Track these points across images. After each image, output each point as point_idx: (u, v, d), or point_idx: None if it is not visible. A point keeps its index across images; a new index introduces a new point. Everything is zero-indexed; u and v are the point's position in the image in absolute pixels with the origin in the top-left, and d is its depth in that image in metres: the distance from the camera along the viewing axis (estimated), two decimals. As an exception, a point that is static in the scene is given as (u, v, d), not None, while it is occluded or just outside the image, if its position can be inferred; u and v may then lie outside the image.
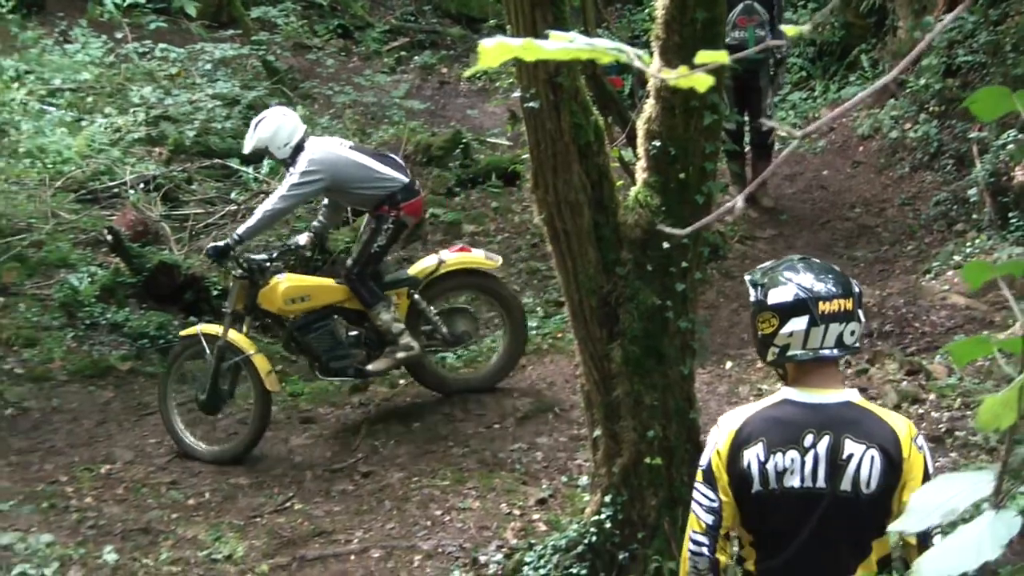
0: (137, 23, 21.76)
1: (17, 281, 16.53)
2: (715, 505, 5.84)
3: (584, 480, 10.94)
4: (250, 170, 18.81)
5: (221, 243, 13.44)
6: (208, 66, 20.82)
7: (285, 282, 13.62)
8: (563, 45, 2.21)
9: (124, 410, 14.98)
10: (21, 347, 15.66)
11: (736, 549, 6.07)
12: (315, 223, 14.73)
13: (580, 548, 9.77)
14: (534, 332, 15.22)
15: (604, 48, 2.30)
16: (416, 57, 24.22)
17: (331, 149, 13.84)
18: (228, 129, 19.30)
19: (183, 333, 14.23)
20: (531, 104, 9.19)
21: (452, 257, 14.11)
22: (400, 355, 13.65)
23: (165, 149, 18.65)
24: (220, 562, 11.64)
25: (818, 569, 5.80)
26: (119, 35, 21.27)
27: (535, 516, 11.28)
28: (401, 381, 14.91)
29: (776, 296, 5.74)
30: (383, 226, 13.63)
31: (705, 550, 5.89)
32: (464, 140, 18.67)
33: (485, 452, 13.01)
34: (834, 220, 16.70)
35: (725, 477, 5.77)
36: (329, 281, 14.08)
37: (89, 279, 16.62)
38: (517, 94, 9.46)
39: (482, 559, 10.76)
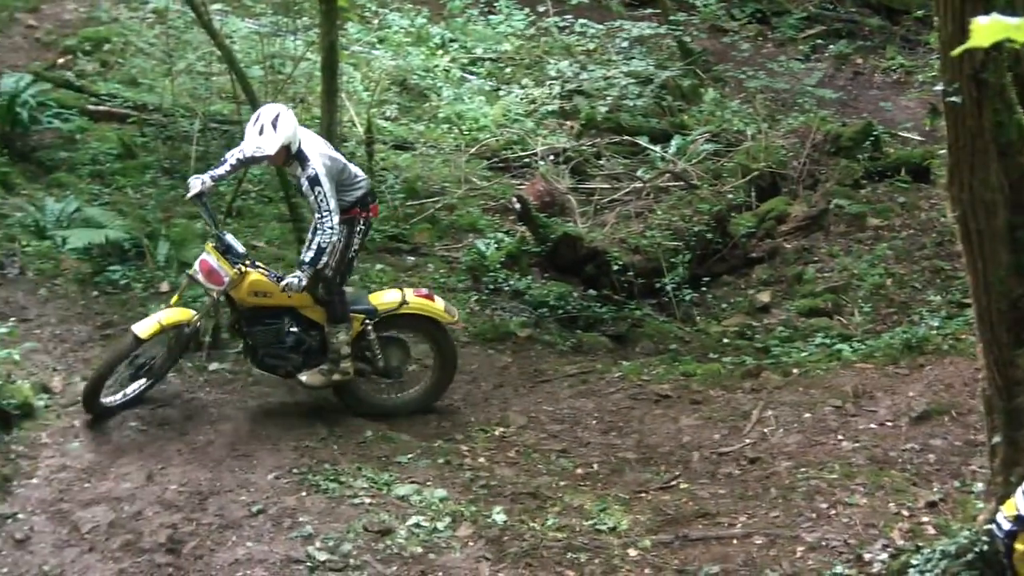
0: (560, -2, 21.91)
1: (428, 242, 16.87)
2: None
3: (979, 487, 10.67)
4: (658, 149, 18.85)
5: (302, 281, 12.80)
6: (624, 44, 20.77)
7: (253, 275, 13.08)
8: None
9: (520, 375, 15.18)
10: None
11: None
12: None
13: (970, 556, 9.59)
14: (935, 332, 14.75)
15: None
16: (831, 46, 23.89)
17: (328, 149, 13.25)
18: (639, 107, 19.36)
19: None
20: (953, 99, 9.03)
21: (415, 300, 13.78)
22: (336, 377, 13.43)
23: (577, 123, 18.84)
24: (604, 533, 11.71)
25: None
26: (541, 8, 21.48)
27: (924, 518, 11.03)
28: (794, 370, 14.81)
29: None
30: (356, 229, 13.30)
31: (1004, 531, 5.84)
32: (875, 132, 18.44)
33: (876, 449, 12.72)
34: None
35: None
36: None
37: (496, 245, 16.87)
38: (938, 88, 9.29)
39: (867, 556, 10.57)
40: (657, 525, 11.89)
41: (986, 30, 2.09)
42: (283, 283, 12.63)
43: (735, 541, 11.47)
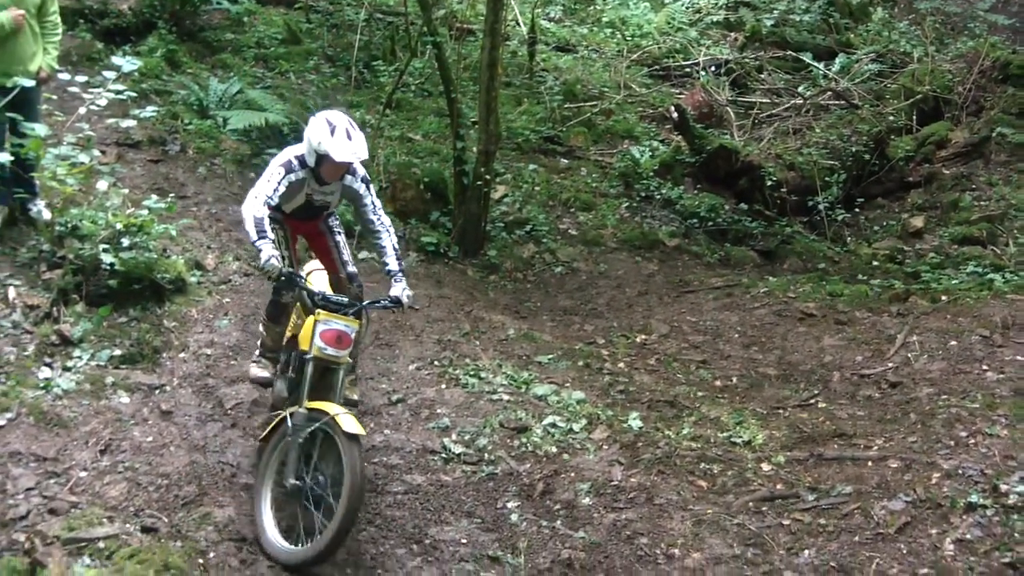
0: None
1: (583, 146, 16.88)
2: None
3: None
4: (821, 66, 18.74)
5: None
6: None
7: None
8: None
9: (666, 284, 15.22)
10: (579, 209, 16.00)
11: None
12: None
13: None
14: None
15: None
16: None
17: None
18: (806, 23, 19.24)
19: None
20: None
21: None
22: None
23: (741, 35, 18.80)
24: (738, 446, 11.77)
25: None
26: None
27: None
28: (943, 297, 14.70)
29: None
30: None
31: None
32: None
33: (1021, 381, 12.55)
34: None
35: None
36: None
37: (650, 153, 16.88)
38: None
39: (1003, 487, 10.45)
40: (792, 442, 11.94)
41: None
42: (407, 301, 10.73)
43: (870, 463, 11.46)
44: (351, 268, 10.90)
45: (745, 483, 11.26)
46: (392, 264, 10.36)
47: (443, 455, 11.23)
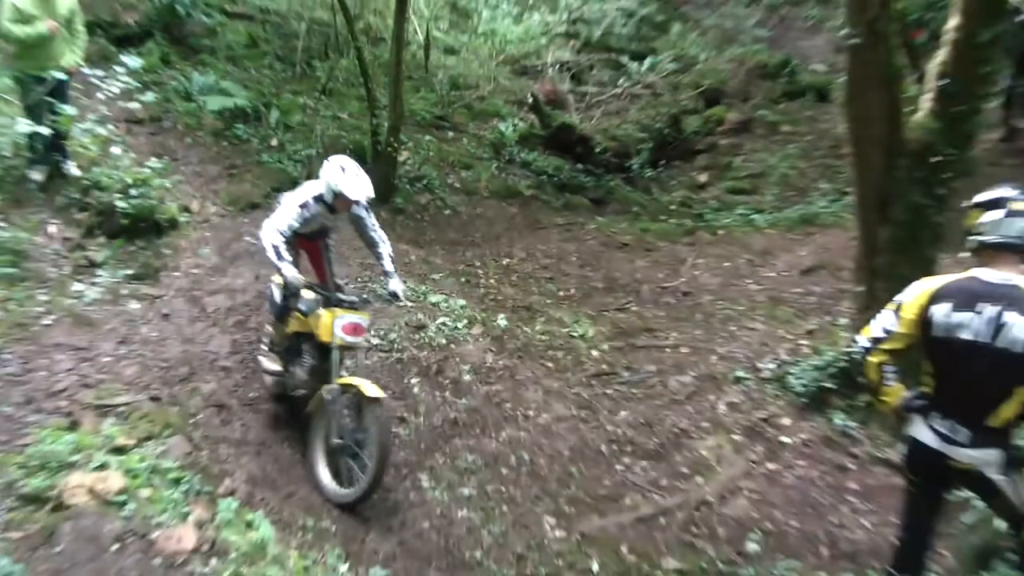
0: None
1: (464, 122, 16.96)
2: (890, 328, 6.20)
3: (844, 322, 10.81)
4: (635, 65, 18.87)
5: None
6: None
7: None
8: None
9: (524, 223, 15.33)
10: (461, 168, 16.07)
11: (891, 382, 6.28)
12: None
13: (832, 370, 9.88)
14: (823, 210, 14.82)
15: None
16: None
17: None
18: (624, 34, 19.29)
19: None
20: (854, 40, 9.25)
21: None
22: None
23: (577, 42, 18.83)
24: (575, 338, 11.98)
25: (971, 400, 6.01)
26: None
27: (802, 342, 11.14)
28: (720, 232, 14.94)
29: (982, 196, 6.01)
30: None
31: (862, 348, 6.23)
32: (792, 63, 18.43)
33: (773, 291, 12.96)
34: None
35: (911, 316, 6.08)
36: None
37: (512, 128, 16.96)
38: (843, 33, 9.46)
39: (759, 366, 10.79)
40: (613, 335, 12.17)
41: None
42: (402, 295, 10.19)
43: (668, 349, 11.71)
44: (336, 279, 10.52)
45: (580, 364, 11.50)
46: (388, 267, 9.97)
47: (366, 345, 11.36)
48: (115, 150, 12.59)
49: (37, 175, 12.10)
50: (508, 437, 10.16)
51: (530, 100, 16.99)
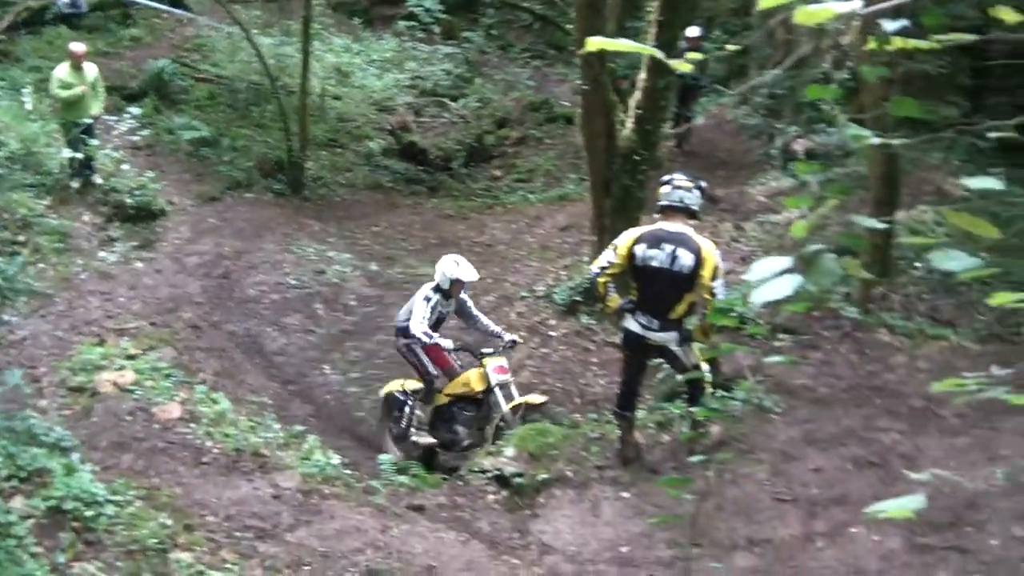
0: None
1: (347, 142, 16.70)
2: (611, 260, 6.39)
3: (586, 259, 10.56)
4: (454, 103, 18.59)
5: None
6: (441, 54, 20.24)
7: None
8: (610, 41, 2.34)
9: (386, 204, 15.05)
10: (345, 171, 15.90)
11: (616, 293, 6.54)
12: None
13: (580, 289, 10.06)
14: (572, 190, 14.68)
15: (646, 49, 2.39)
16: (535, 60, 21.63)
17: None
18: (446, 84, 18.91)
19: None
20: (585, 87, 9.46)
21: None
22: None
23: (417, 90, 18.56)
24: (420, 275, 11.78)
25: (658, 303, 6.28)
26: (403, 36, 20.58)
27: (562, 273, 11.16)
28: (509, 205, 15.10)
29: (663, 178, 6.34)
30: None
31: (594, 273, 6.52)
32: (550, 101, 18.39)
33: (543, 242, 12.90)
34: (714, 153, 15.87)
35: (624, 252, 6.32)
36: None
37: (378, 144, 16.81)
38: (579, 81, 9.69)
39: (535, 288, 10.89)
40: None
41: (595, 44, 2.07)
42: (519, 340, 8.70)
43: (480, 280, 11.81)
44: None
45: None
46: (496, 329, 8.40)
47: (286, 285, 11.30)
48: (124, 167, 12.36)
49: (75, 184, 11.89)
50: (380, 339, 10.07)
51: (388, 127, 16.88)
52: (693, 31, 14.98)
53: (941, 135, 10.85)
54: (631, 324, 6.46)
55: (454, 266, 8.24)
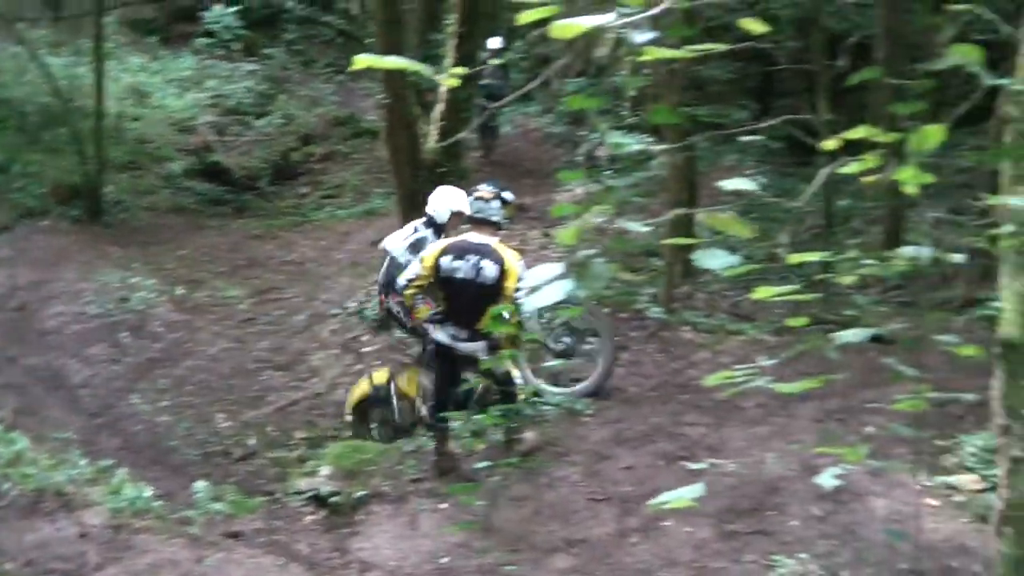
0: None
1: (148, 163, 16.08)
2: (418, 272, 6.54)
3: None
4: (258, 121, 18.26)
5: None
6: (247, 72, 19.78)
7: None
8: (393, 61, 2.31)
9: (191, 227, 14.64)
10: (147, 194, 15.35)
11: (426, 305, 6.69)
12: None
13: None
14: (380, 205, 14.64)
15: (413, 65, 2.35)
16: (338, 75, 21.55)
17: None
18: (248, 102, 18.49)
19: None
20: (387, 101, 9.54)
21: None
22: None
23: (219, 109, 18.03)
24: (229, 297, 11.61)
25: (466, 314, 6.44)
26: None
27: (374, 288, 10.59)
28: (317, 221, 14.94)
29: (470, 190, 6.56)
30: None
31: (402, 285, 6.64)
32: (355, 116, 18.39)
33: (353, 257, 12.76)
34: (520, 162, 16.21)
35: (430, 264, 6.48)
36: None
37: (180, 165, 16.30)
38: (381, 96, 9.73)
39: (347, 305, 10.85)
40: (254, 293, 11.78)
41: (361, 62, 2.17)
42: None
43: (291, 299, 11.57)
44: None
45: (234, 313, 11.29)
46: None
47: (86, 314, 10.69)
48: None
49: None
50: (189, 365, 9.86)
51: (191, 146, 16.38)
52: (494, 42, 15.41)
53: (710, 135, 11.56)
54: (440, 335, 6.61)
55: (457, 196, 7.62)
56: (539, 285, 2.16)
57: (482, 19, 9.52)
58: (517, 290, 6.32)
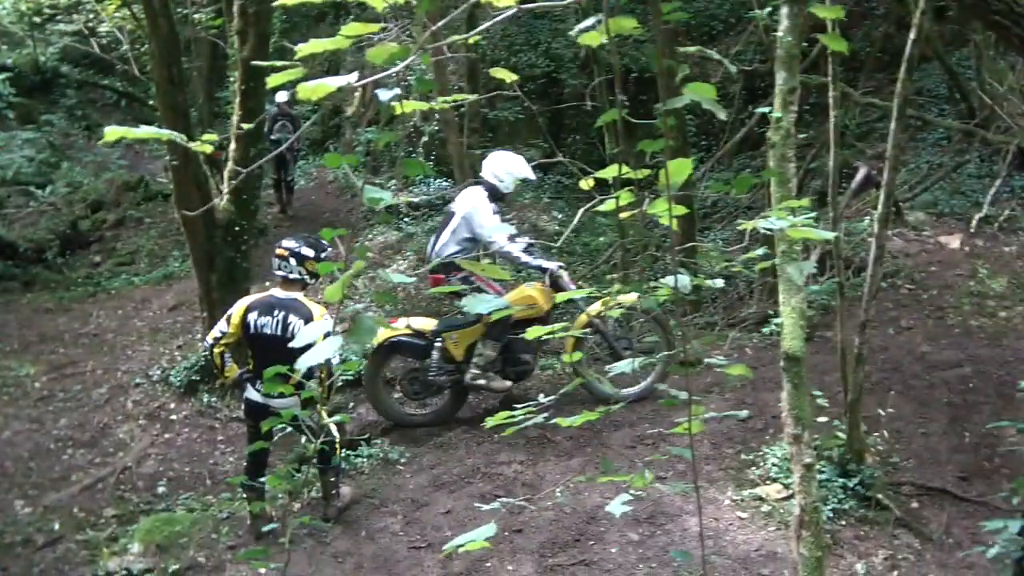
0: None
1: None
2: (224, 330, 6.37)
3: (199, 336, 10.59)
4: (40, 192, 17.30)
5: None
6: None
7: None
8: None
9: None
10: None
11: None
12: None
13: (196, 367, 9.76)
14: (178, 269, 14.13)
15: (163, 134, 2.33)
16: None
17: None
18: (27, 172, 17.53)
19: None
20: (175, 163, 9.24)
21: None
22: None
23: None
24: (22, 376, 10.88)
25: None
26: None
27: (176, 354, 10.82)
28: (113, 291, 14.26)
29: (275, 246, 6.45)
30: None
31: (208, 345, 6.42)
32: (146, 179, 17.67)
33: (153, 324, 12.31)
34: (319, 214, 15.95)
35: (236, 321, 6.33)
36: None
37: None
38: (172, 160, 9.40)
39: (150, 373, 10.37)
40: (49, 370, 11.00)
41: (113, 133, 2.09)
42: None
43: (88, 373, 10.81)
44: None
45: (29, 392, 10.51)
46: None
47: None
48: None
49: None
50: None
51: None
52: (282, 96, 15.27)
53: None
54: (251, 393, 6.46)
55: (520, 162, 7.22)
56: (310, 345, 2.21)
57: (266, 75, 9.41)
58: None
